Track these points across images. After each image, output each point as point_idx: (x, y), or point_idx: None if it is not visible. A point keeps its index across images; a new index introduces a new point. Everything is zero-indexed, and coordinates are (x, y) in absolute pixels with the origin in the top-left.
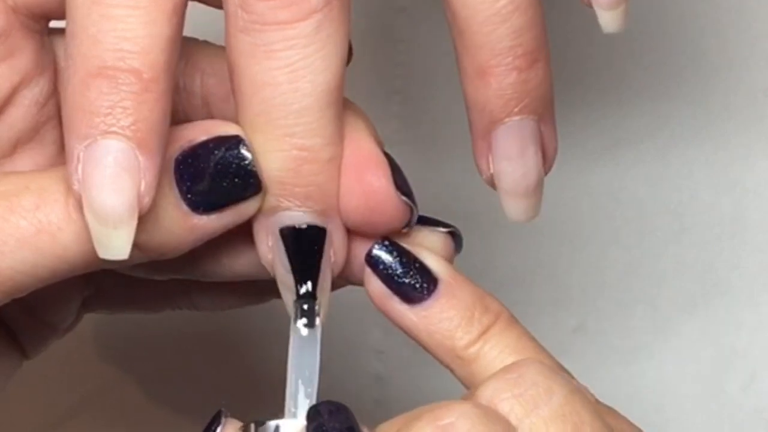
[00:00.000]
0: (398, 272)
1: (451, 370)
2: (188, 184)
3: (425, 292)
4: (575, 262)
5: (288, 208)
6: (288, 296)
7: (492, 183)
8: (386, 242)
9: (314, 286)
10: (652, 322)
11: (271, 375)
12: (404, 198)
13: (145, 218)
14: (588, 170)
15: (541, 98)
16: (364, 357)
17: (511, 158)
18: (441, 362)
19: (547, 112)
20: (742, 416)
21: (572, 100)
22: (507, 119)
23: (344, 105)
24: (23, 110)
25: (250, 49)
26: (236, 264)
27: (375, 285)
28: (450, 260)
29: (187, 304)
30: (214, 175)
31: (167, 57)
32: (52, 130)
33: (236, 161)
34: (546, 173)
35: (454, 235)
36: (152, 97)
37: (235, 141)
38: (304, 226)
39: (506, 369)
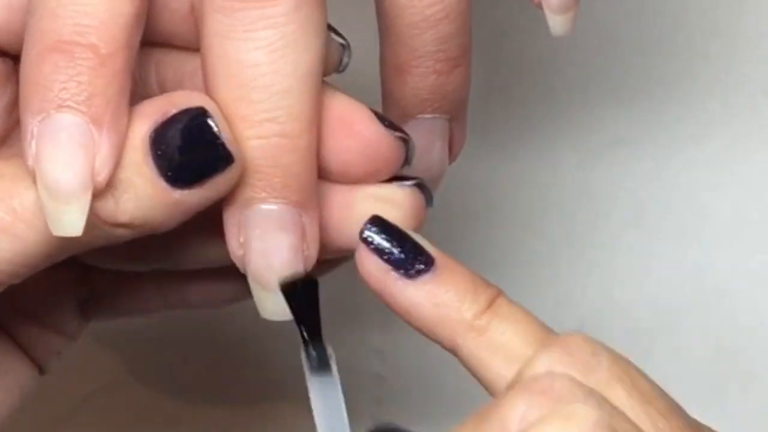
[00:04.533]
0: (395, 248)
1: (456, 348)
2: (163, 160)
3: (425, 267)
4: (575, 262)
5: (264, 200)
6: (260, 294)
7: None
8: (378, 221)
9: (320, 335)
10: (652, 322)
11: (273, 373)
12: (398, 134)
13: (125, 198)
14: (587, 170)
15: (457, 101)
16: (364, 357)
17: (418, 151)
18: (444, 340)
19: (460, 112)
20: (742, 416)
21: (571, 99)
22: (419, 116)
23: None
24: None
25: (227, 29)
26: (209, 251)
27: (371, 261)
28: (422, 215)
29: (180, 300)
30: (185, 148)
31: (127, 34)
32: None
33: (203, 133)
34: (450, 163)
35: (423, 188)
36: (109, 72)
37: (200, 112)
38: (301, 278)
39: (550, 343)
